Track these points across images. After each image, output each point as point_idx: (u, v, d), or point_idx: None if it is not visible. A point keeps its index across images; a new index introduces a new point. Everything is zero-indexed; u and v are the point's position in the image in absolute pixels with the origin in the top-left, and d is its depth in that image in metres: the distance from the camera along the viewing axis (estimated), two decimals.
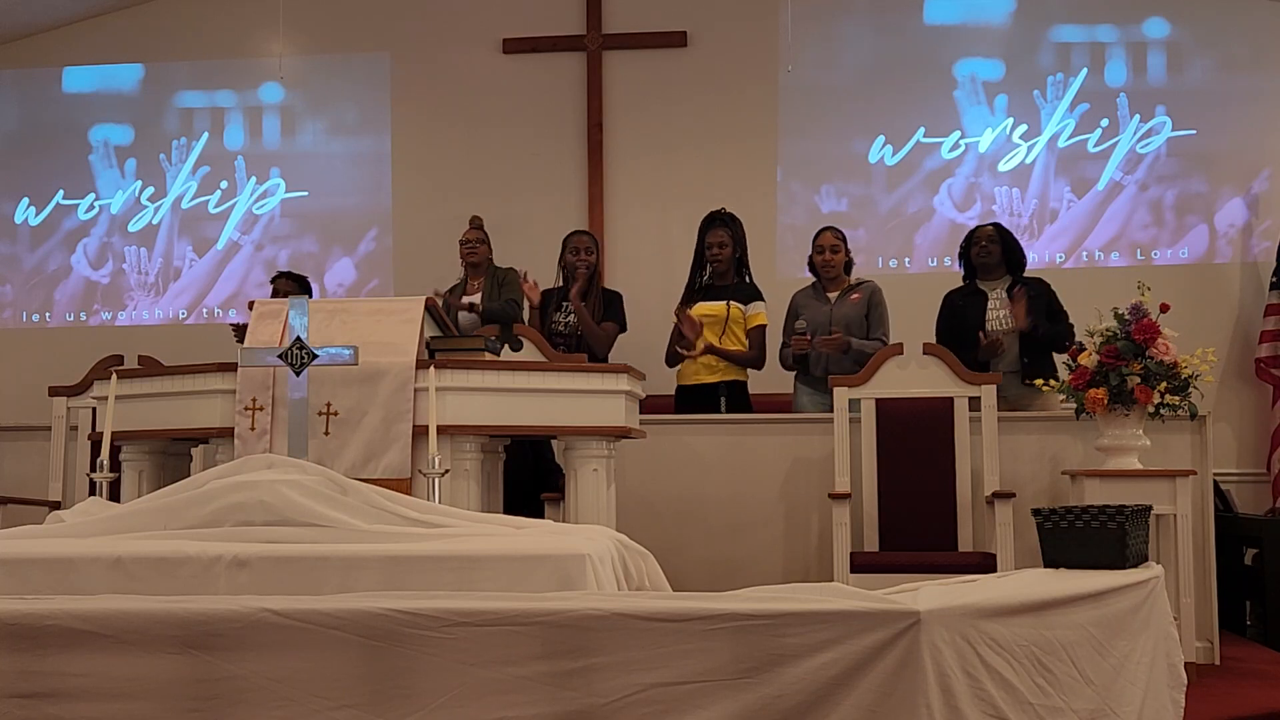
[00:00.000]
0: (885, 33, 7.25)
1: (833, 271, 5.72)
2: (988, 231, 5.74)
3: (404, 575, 2.77)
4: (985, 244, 5.67)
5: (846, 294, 5.70)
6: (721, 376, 5.72)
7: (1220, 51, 7.04)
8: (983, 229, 5.79)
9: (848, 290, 5.71)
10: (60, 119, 7.65)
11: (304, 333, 3.49)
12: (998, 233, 5.73)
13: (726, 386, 5.71)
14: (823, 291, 5.74)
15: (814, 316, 5.62)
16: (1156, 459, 4.75)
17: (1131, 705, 2.63)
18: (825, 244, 5.74)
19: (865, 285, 5.75)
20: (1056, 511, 2.98)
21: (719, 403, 5.67)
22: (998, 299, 5.59)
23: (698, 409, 5.63)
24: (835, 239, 5.76)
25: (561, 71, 7.36)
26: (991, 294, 5.62)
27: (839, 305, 5.66)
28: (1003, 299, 5.57)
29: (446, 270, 6.42)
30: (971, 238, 5.78)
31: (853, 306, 5.65)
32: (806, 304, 5.73)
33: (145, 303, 7.58)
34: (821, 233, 5.83)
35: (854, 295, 5.68)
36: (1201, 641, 4.70)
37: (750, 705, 2.24)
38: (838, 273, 5.74)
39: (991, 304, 5.58)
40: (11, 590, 2.70)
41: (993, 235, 5.70)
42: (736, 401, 5.71)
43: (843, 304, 5.67)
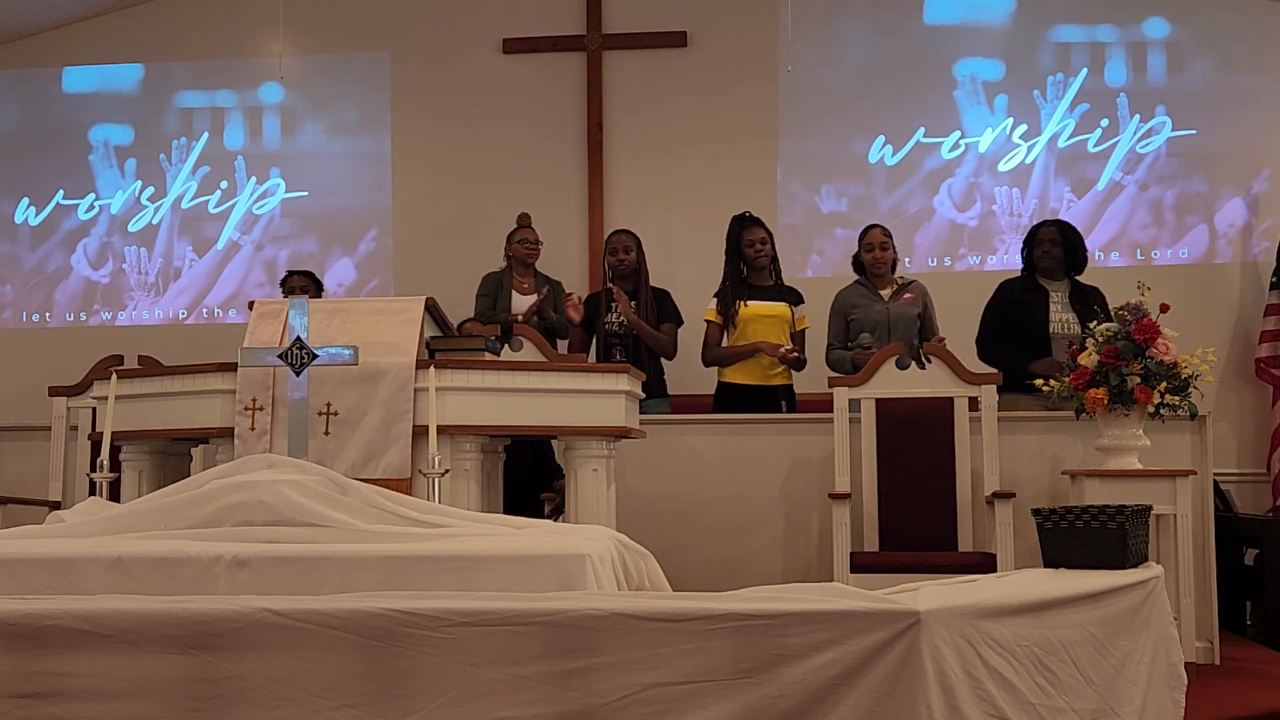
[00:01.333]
0: (885, 33, 7.25)
1: (882, 269, 5.66)
2: (1050, 233, 5.57)
3: (404, 575, 2.77)
4: (1047, 246, 5.53)
5: (899, 293, 5.65)
6: (782, 379, 5.71)
7: (1220, 51, 7.04)
8: (1045, 228, 5.63)
9: (900, 289, 5.67)
10: (60, 119, 7.65)
11: (304, 333, 3.49)
12: (1060, 233, 5.57)
13: (785, 390, 5.72)
14: (874, 290, 5.68)
15: (870, 316, 5.56)
16: (1156, 459, 4.75)
17: (1132, 705, 2.63)
18: (875, 241, 5.68)
19: (915, 285, 5.71)
20: (1056, 511, 2.98)
21: (779, 405, 5.66)
22: (1060, 302, 5.47)
23: (751, 409, 5.55)
24: (884, 236, 5.69)
25: (561, 71, 7.36)
26: (1054, 294, 5.49)
27: (894, 305, 5.60)
28: (1065, 303, 5.45)
29: (447, 270, 6.42)
30: (1035, 236, 5.62)
31: (907, 305, 5.60)
32: (860, 304, 5.63)
33: (145, 303, 7.57)
34: (870, 230, 5.76)
35: (907, 295, 5.63)
36: (1201, 641, 4.70)
37: (750, 705, 2.24)
38: (886, 270, 5.68)
39: (1054, 305, 5.46)
40: (11, 590, 2.70)
41: (1055, 237, 5.54)
42: (792, 404, 5.73)
43: (898, 304, 5.61)
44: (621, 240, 6.00)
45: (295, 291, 6.15)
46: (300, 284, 6.36)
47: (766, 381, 5.69)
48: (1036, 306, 5.47)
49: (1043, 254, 5.55)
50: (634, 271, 5.95)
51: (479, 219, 7.18)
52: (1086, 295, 5.48)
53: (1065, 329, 5.36)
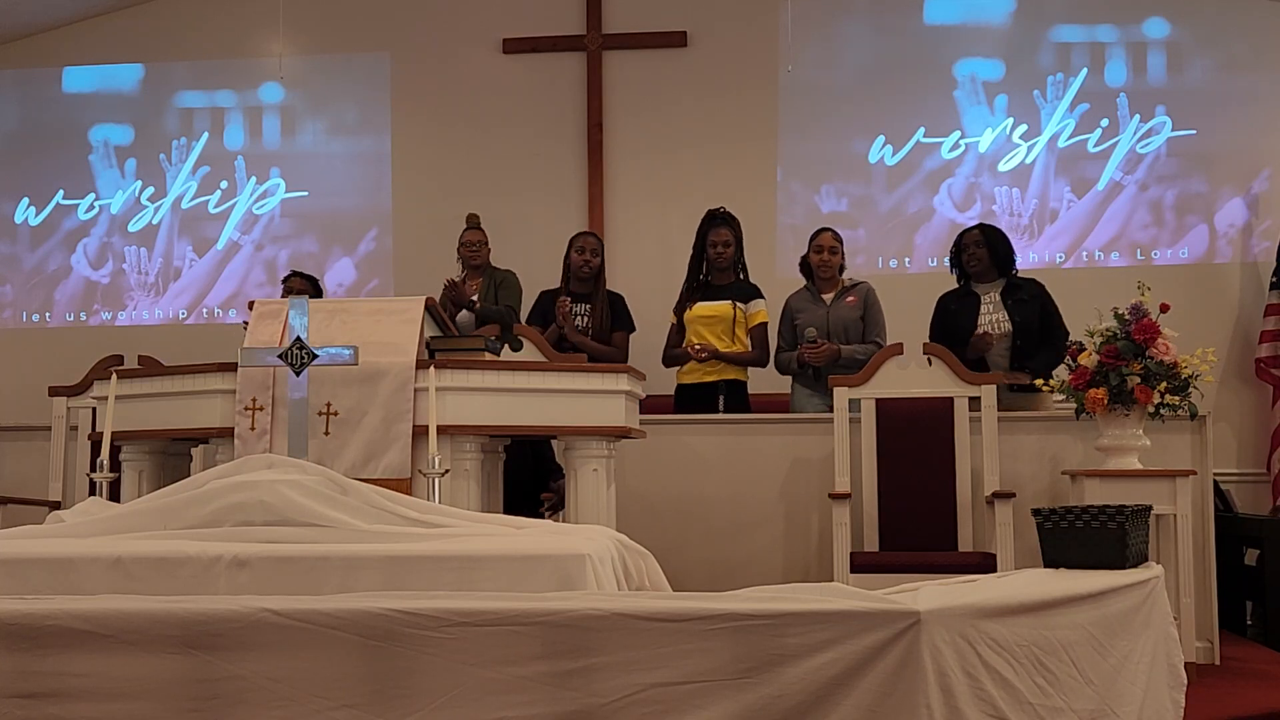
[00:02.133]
0: (885, 33, 7.26)
1: (828, 272, 5.72)
2: (973, 236, 5.67)
3: (404, 575, 2.77)
4: (972, 249, 5.62)
5: (841, 296, 5.69)
6: (720, 375, 5.72)
7: (1220, 51, 7.04)
8: (969, 233, 5.72)
9: (842, 292, 5.71)
10: (60, 119, 7.65)
11: (304, 333, 3.49)
12: (983, 235, 5.65)
13: (726, 385, 5.71)
14: (817, 294, 5.74)
15: (811, 320, 5.62)
16: (1156, 459, 4.75)
17: (1132, 705, 2.63)
18: (825, 244, 5.73)
19: (860, 286, 5.74)
20: (1056, 511, 2.98)
21: (717, 401, 5.67)
22: (991, 301, 5.56)
23: (697, 408, 5.63)
24: (834, 240, 5.75)
25: (561, 71, 7.36)
26: (985, 297, 5.58)
27: (835, 308, 5.66)
28: (996, 301, 5.54)
29: (447, 270, 6.42)
30: (959, 242, 5.73)
31: (849, 309, 5.65)
32: (803, 307, 5.72)
33: (145, 303, 7.58)
34: (821, 232, 5.81)
35: (849, 298, 5.68)
36: (1201, 641, 4.70)
37: (750, 705, 2.24)
38: (833, 274, 5.74)
39: (985, 306, 5.55)
40: (11, 590, 2.70)
41: (978, 239, 5.63)
42: (735, 400, 5.71)
43: (839, 306, 5.67)
44: (590, 242, 5.99)
45: (294, 293, 6.14)
46: (299, 286, 6.36)
47: (703, 379, 5.73)
48: (966, 312, 5.56)
49: (969, 258, 5.63)
50: (595, 275, 5.95)
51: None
52: (1019, 290, 5.55)
53: (996, 328, 5.46)
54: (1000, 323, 5.47)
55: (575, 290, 5.94)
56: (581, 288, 5.95)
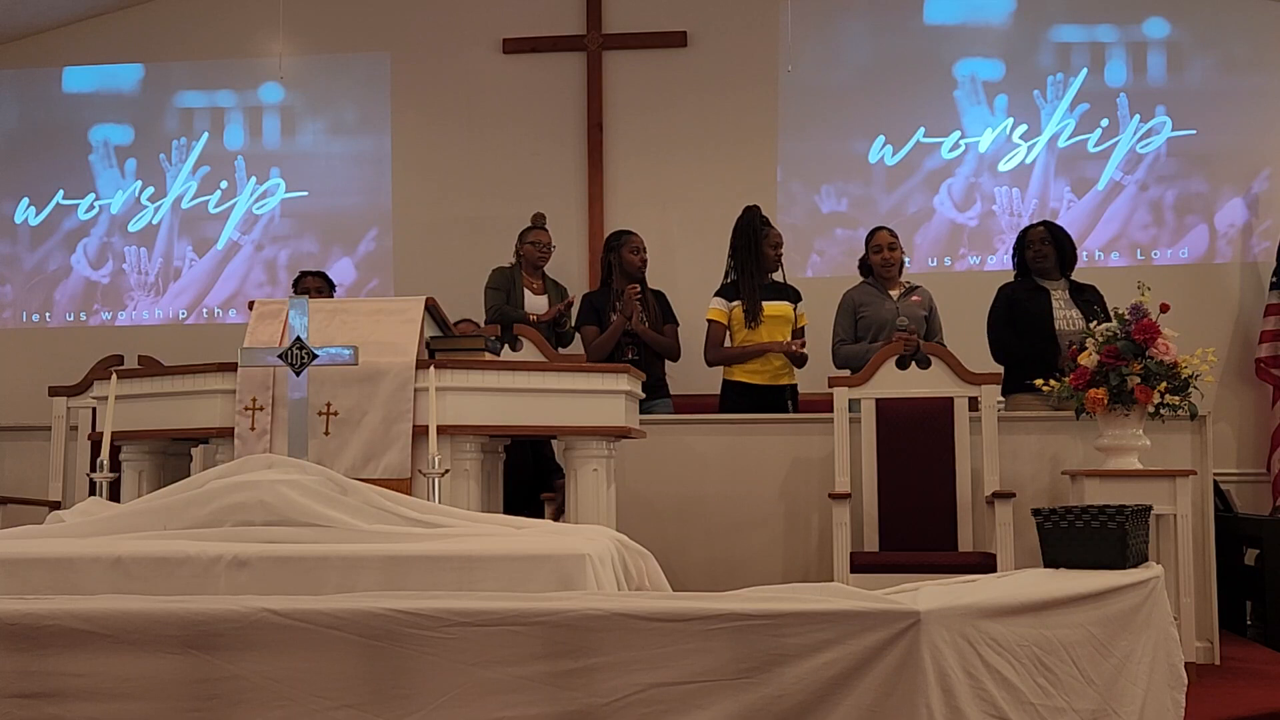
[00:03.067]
0: (885, 33, 7.25)
1: (891, 270, 5.68)
2: (1040, 233, 5.61)
3: (404, 575, 2.77)
4: (1038, 245, 5.57)
5: (906, 295, 5.66)
6: (789, 379, 5.72)
7: (1220, 51, 7.04)
8: (1035, 230, 5.66)
9: (907, 291, 5.68)
10: (60, 119, 7.65)
11: (304, 333, 3.49)
12: (1050, 233, 5.61)
13: (791, 390, 5.73)
14: (884, 290, 5.68)
15: (880, 315, 5.57)
16: (1156, 459, 4.75)
17: (1132, 705, 2.63)
18: (883, 242, 5.70)
19: (920, 289, 5.72)
20: (1056, 511, 2.98)
21: (785, 404, 5.68)
22: (1061, 299, 5.50)
23: (762, 409, 5.56)
24: (892, 237, 5.72)
25: (561, 71, 7.36)
26: (1054, 293, 5.52)
27: (904, 305, 5.61)
28: (1067, 300, 5.49)
29: (446, 270, 6.43)
30: (1025, 238, 5.66)
31: (916, 307, 5.61)
32: (868, 302, 5.64)
33: (145, 303, 7.57)
34: (877, 232, 5.77)
35: (915, 297, 5.66)
36: (1201, 641, 4.70)
37: (750, 705, 2.23)
38: (894, 271, 5.70)
39: (1056, 302, 5.48)
40: (11, 590, 2.70)
41: (1045, 237, 5.58)
42: (796, 403, 5.75)
43: (906, 304, 5.62)
44: (640, 241, 6.00)
45: (310, 293, 6.14)
46: (315, 284, 6.36)
47: (775, 381, 5.70)
48: (1040, 304, 5.49)
49: (1035, 254, 5.59)
50: (642, 274, 5.96)
51: (479, 219, 7.20)
52: (1084, 293, 5.53)
53: (1070, 325, 5.39)
54: (1075, 320, 5.39)
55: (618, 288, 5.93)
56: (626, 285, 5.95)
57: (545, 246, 6.23)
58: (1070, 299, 5.50)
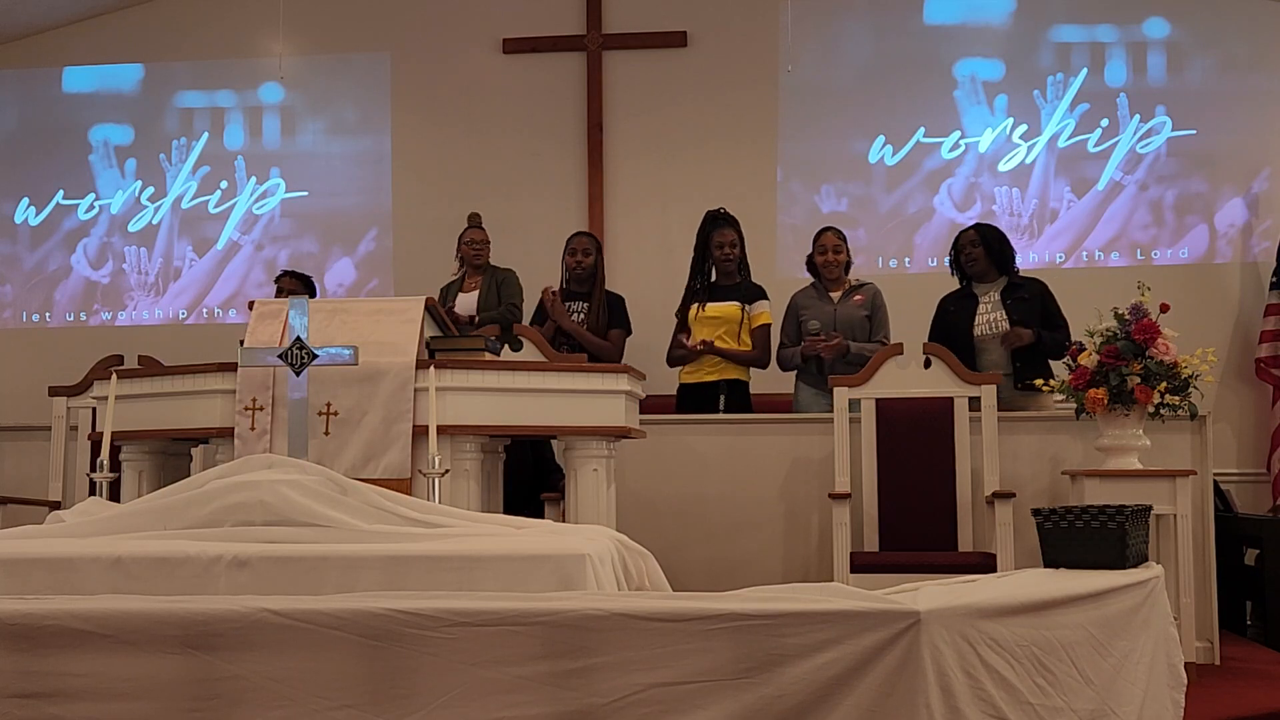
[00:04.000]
0: (885, 33, 7.25)
1: (834, 272, 5.73)
2: (969, 236, 5.66)
3: (404, 575, 2.77)
4: (969, 249, 5.62)
5: (849, 295, 5.70)
6: (721, 375, 5.73)
7: (1220, 51, 7.04)
8: (965, 234, 5.71)
9: (850, 291, 5.71)
10: (60, 119, 7.65)
11: (304, 333, 3.49)
12: (979, 235, 5.65)
13: (727, 385, 5.72)
14: (825, 292, 5.74)
15: (817, 317, 5.61)
16: (1156, 459, 4.75)
17: (1132, 705, 2.63)
18: (828, 244, 5.74)
19: (867, 287, 5.75)
20: (1056, 511, 2.98)
21: (718, 401, 5.68)
22: (989, 301, 5.55)
23: (698, 407, 5.64)
24: (837, 239, 5.76)
25: (561, 71, 7.36)
26: (984, 297, 5.58)
27: (842, 306, 5.66)
28: (995, 301, 5.54)
29: (447, 270, 6.42)
30: (957, 243, 5.72)
31: (856, 308, 5.65)
32: (809, 304, 5.72)
33: (145, 303, 7.58)
34: (823, 233, 5.82)
35: (857, 297, 5.68)
36: (1201, 641, 4.70)
37: (750, 705, 2.24)
38: (839, 273, 5.75)
39: (982, 307, 5.55)
40: (11, 590, 2.70)
41: (974, 239, 5.63)
42: (736, 400, 5.72)
43: (846, 305, 5.66)
44: (582, 243, 6.01)
45: (286, 294, 6.12)
46: (289, 286, 6.33)
47: (704, 378, 5.74)
48: (964, 313, 5.57)
49: (966, 259, 5.64)
50: (590, 275, 5.96)
51: None
52: (1021, 289, 5.54)
53: (992, 328, 5.47)
54: (998, 322, 5.47)
55: (574, 290, 5.96)
56: (579, 287, 5.97)
57: (479, 244, 6.21)
58: (1000, 300, 5.52)
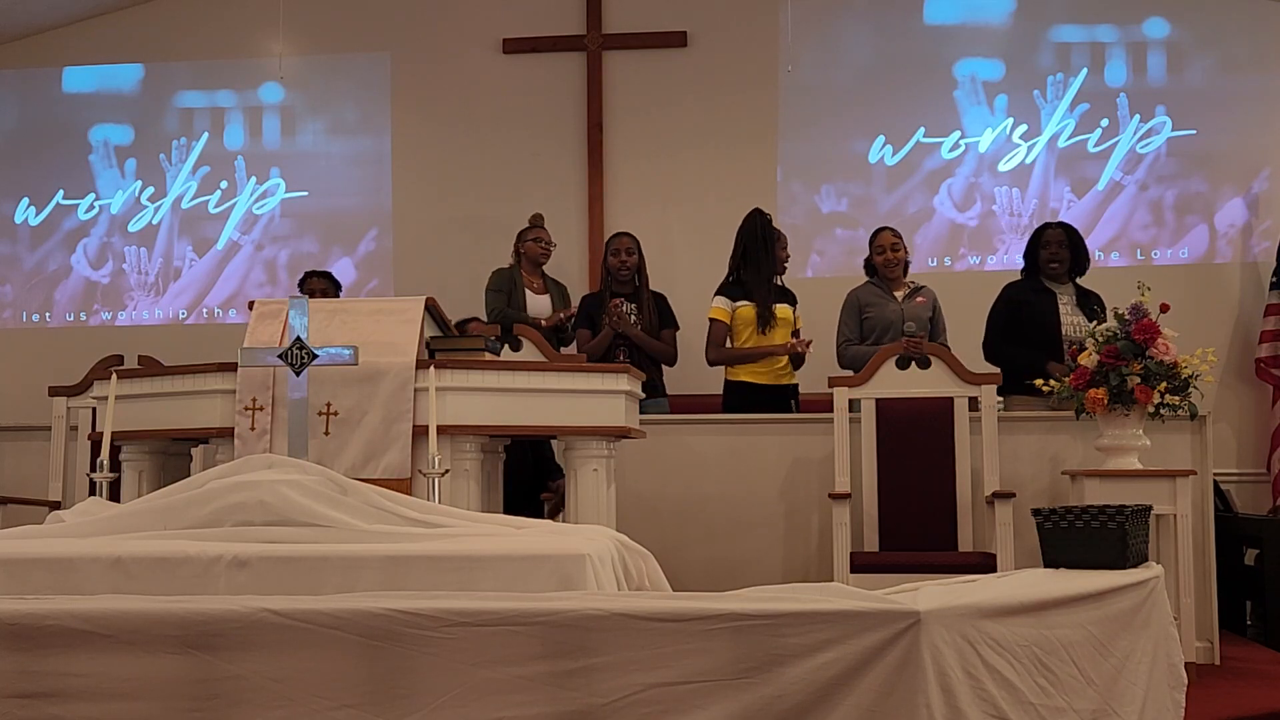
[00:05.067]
0: (885, 33, 7.25)
1: (895, 271, 5.68)
2: (1058, 235, 5.52)
3: (404, 575, 2.77)
4: (1055, 248, 5.48)
5: (912, 295, 5.66)
6: (792, 379, 5.71)
7: (1220, 51, 7.04)
8: (1052, 230, 5.57)
9: (913, 291, 5.68)
10: (60, 119, 7.65)
11: (304, 333, 3.49)
12: (1067, 236, 5.53)
13: (794, 390, 5.73)
14: (887, 290, 5.68)
15: (884, 316, 5.57)
16: (1156, 459, 4.75)
17: (1132, 705, 2.63)
18: (886, 243, 5.70)
19: (925, 289, 5.72)
20: (1056, 511, 2.98)
21: (789, 404, 5.67)
22: (1068, 303, 5.45)
23: (766, 408, 5.54)
24: (895, 237, 5.72)
25: (561, 71, 7.36)
26: (1061, 296, 5.47)
27: (908, 306, 5.61)
28: (1073, 304, 5.44)
29: (446, 270, 6.43)
30: (1041, 238, 5.57)
31: (922, 308, 5.61)
32: (874, 303, 5.64)
33: (145, 303, 7.57)
34: (880, 233, 5.77)
35: (919, 298, 5.65)
36: (1201, 641, 4.70)
37: (750, 705, 2.23)
38: (899, 272, 5.70)
39: (1063, 306, 5.43)
40: (11, 590, 2.70)
41: (1063, 239, 5.50)
42: (798, 403, 5.75)
43: (911, 305, 5.61)
44: (624, 243, 5.97)
45: (315, 294, 6.13)
46: (320, 285, 6.35)
47: (779, 381, 5.68)
48: (1046, 307, 5.44)
49: (1050, 256, 5.50)
50: (634, 275, 5.94)
51: (479, 219, 7.19)
52: (1090, 299, 5.48)
53: (1077, 331, 5.30)
54: (1080, 326, 5.28)
55: (616, 291, 5.93)
56: (623, 288, 5.94)
57: (547, 244, 6.25)
58: (1076, 304, 5.46)
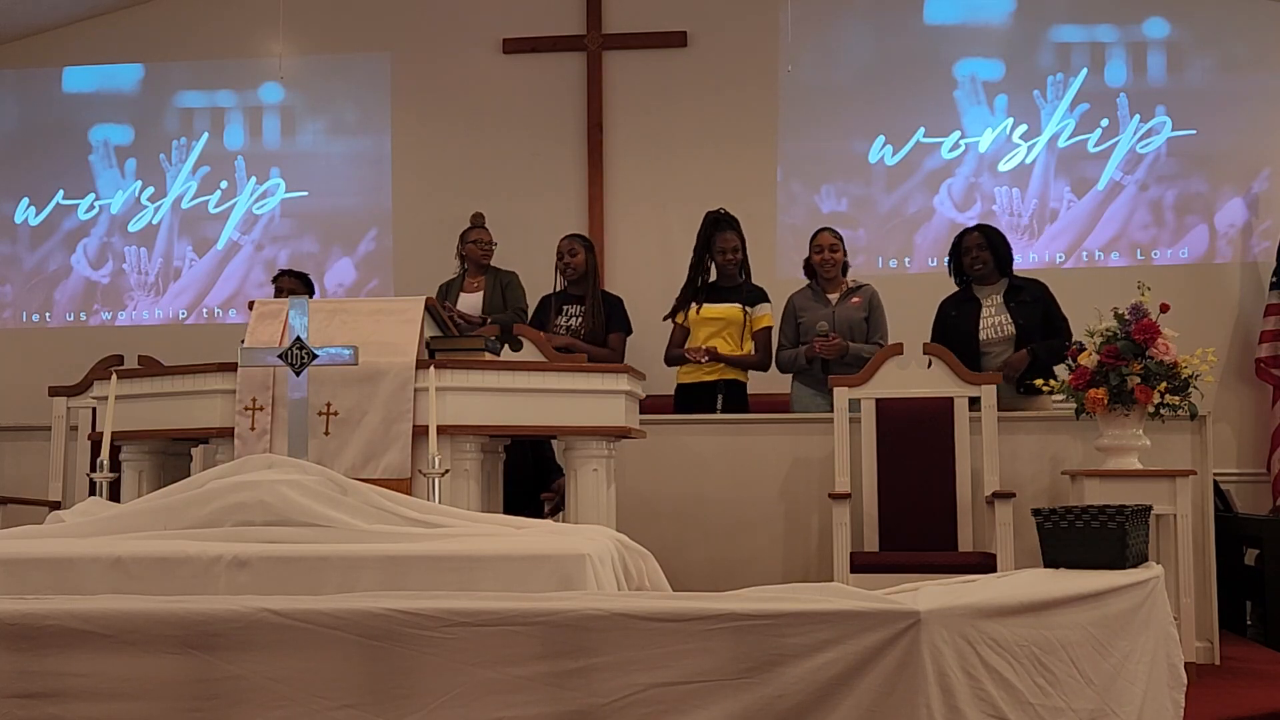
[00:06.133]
0: (885, 33, 7.25)
1: (831, 271, 5.73)
2: (975, 239, 5.56)
3: (404, 575, 2.77)
4: (975, 252, 5.53)
5: (847, 296, 5.70)
6: (720, 375, 5.73)
7: (1220, 51, 7.04)
8: (969, 236, 5.61)
9: (848, 293, 5.71)
10: (60, 119, 7.65)
11: (304, 333, 3.49)
12: (985, 237, 5.56)
13: (725, 385, 5.71)
14: (822, 293, 5.73)
15: (816, 319, 5.61)
16: (1156, 459, 4.75)
17: (1132, 705, 2.63)
18: (824, 243, 5.74)
19: (864, 288, 5.75)
20: (1056, 511, 2.98)
21: (715, 401, 5.67)
22: (993, 305, 5.51)
23: (696, 407, 5.64)
24: (833, 238, 5.76)
25: (561, 71, 7.36)
26: (986, 300, 5.53)
27: (840, 308, 5.66)
28: (999, 305, 5.50)
29: (447, 270, 6.43)
30: (960, 245, 5.63)
31: (854, 309, 5.65)
32: (806, 306, 5.71)
33: (145, 303, 7.58)
34: (820, 233, 5.83)
35: (854, 299, 5.68)
36: (1201, 641, 4.70)
37: (750, 705, 2.24)
38: (836, 273, 5.74)
39: (986, 310, 5.51)
40: (11, 590, 2.70)
41: (981, 243, 5.54)
42: (733, 400, 5.72)
43: (844, 306, 5.66)
44: (567, 244, 6.04)
45: (284, 293, 6.12)
46: (289, 285, 6.32)
47: (701, 379, 5.74)
48: (967, 317, 5.52)
49: (972, 261, 5.55)
50: (583, 276, 5.97)
51: None
52: (1022, 292, 5.51)
53: (998, 332, 5.43)
54: (1003, 326, 5.43)
55: (571, 293, 5.97)
56: (575, 289, 5.97)
57: (487, 244, 6.25)
58: (1003, 303, 5.49)
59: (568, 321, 5.93)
